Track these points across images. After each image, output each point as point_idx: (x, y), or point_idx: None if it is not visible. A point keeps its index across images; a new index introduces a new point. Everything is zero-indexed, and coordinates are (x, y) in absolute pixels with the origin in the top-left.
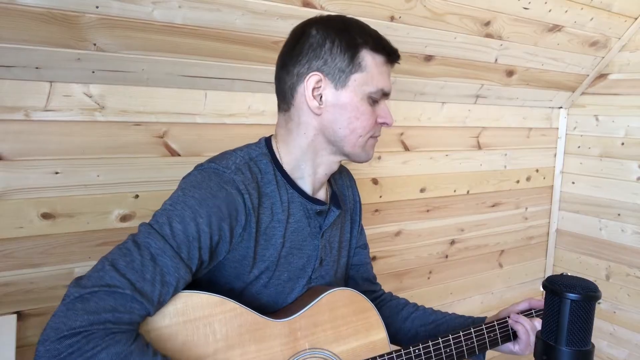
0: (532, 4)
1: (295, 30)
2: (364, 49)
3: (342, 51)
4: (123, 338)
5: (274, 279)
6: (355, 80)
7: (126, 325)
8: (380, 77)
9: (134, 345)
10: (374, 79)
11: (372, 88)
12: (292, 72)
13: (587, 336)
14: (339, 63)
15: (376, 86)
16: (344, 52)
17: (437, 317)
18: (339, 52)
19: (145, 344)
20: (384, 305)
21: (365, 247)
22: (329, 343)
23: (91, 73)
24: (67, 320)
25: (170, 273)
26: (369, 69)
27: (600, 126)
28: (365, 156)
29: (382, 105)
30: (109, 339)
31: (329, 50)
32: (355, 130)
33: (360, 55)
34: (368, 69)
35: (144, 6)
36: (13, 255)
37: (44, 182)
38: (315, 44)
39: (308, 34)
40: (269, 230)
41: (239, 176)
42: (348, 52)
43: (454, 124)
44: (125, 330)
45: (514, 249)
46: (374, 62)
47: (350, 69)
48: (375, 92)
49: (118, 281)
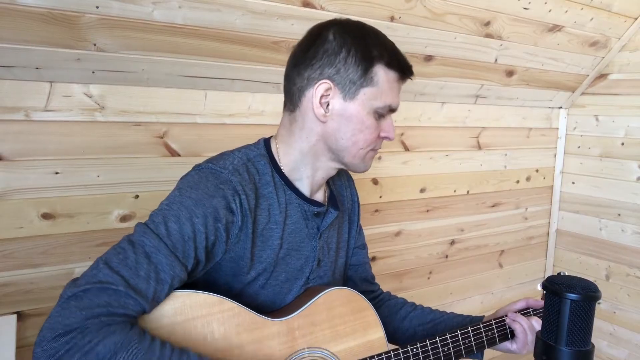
0: (532, 4)
1: (312, 32)
2: (379, 63)
3: (356, 63)
4: (118, 328)
5: (271, 280)
6: (365, 94)
7: (120, 317)
8: (390, 93)
9: (131, 332)
10: (384, 94)
11: (381, 104)
12: (303, 75)
13: (587, 336)
14: (352, 74)
15: (384, 102)
16: (358, 63)
17: (435, 316)
18: (353, 63)
19: (142, 331)
20: (382, 305)
21: (364, 247)
22: (327, 342)
23: (91, 73)
24: (61, 319)
25: (165, 270)
26: (380, 85)
27: (600, 126)
28: (363, 167)
29: (387, 120)
30: (104, 330)
31: (343, 59)
32: (357, 142)
33: (374, 69)
34: (380, 84)
35: (144, 6)
36: (13, 255)
37: (44, 182)
38: (331, 51)
39: (325, 38)
40: (266, 232)
41: (236, 177)
42: (362, 64)
43: (454, 124)
44: (119, 322)
45: (514, 249)
46: (386, 78)
47: (362, 82)
48: (382, 108)
49: (111, 277)
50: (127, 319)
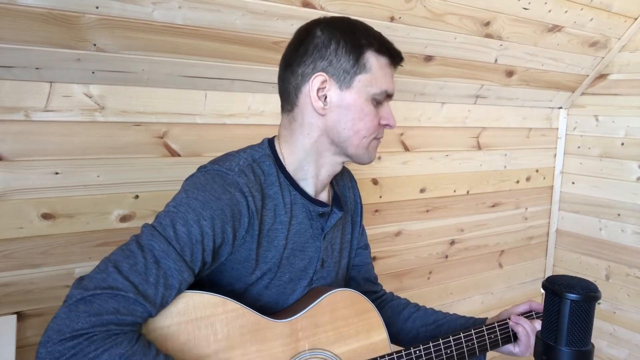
0: (531, 4)
1: (299, 31)
2: (369, 50)
3: (347, 52)
4: (125, 339)
5: (275, 280)
6: (360, 81)
7: (128, 326)
8: (384, 79)
9: (137, 345)
10: (378, 80)
11: (377, 89)
12: (297, 73)
13: (587, 336)
14: (344, 64)
15: (380, 87)
16: (349, 53)
17: (438, 318)
18: (344, 53)
19: (147, 343)
20: (385, 306)
21: (367, 248)
22: (330, 344)
23: (91, 73)
24: (69, 322)
25: (173, 276)
26: (373, 70)
27: (600, 126)
28: (368, 158)
29: (385, 107)
30: (110, 340)
31: (334, 51)
32: (359, 131)
33: (365, 56)
34: (373, 70)
35: (144, 7)
36: (13, 255)
37: (44, 183)
38: (321, 45)
39: (313, 35)
40: (271, 232)
41: (242, 178)
42: (353, 53)
43: (454, 124)
44: (127, 332)
45: (514, 249)
46: (378, 64)
47: (355, 70)
48: (379, 94)
49: (121, 284)
50: (135, 327)
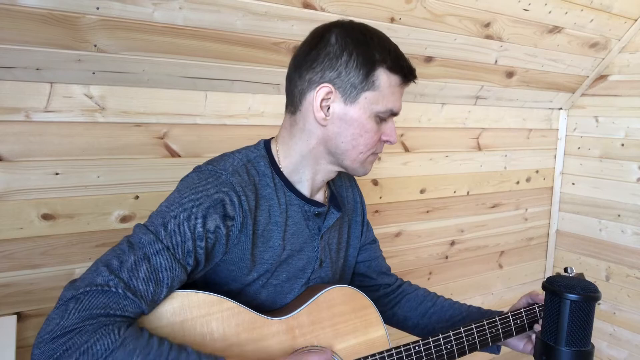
0: (532, 6)
1: (314, 34)
2: (381, 67)
3: (358, 67)
4: (116, 327)
5: (272, 280)
6: (366, 98)
7: (118, 318)
8: (391, 98)
9: (128, 331)
10: (385, 99)
11: (382, 108)
12: (304, 77)
13: (586, 337)
14: (353, 78)
15: (386, 106)
16: (359, 67)
17: (454, 314)
18: (355, 67)
19: (140, 328)
20: (401, 300)
21: (374, 242)
22: (328, 341)
23: (92, 74)
24: (60, 321)
25: (164, 272)
26: (382, 89)
27: (600, 127)
28: (362, 171)
29: (389, 123)
30: (101, 330)
31: (344, 63)
32: (358, 146)
33: (375, 73)
34: (381, 88)
35: (144, 7)
36: (13, 256)
37: (45, 183)
38: (332, 54)
39: (327, 41)
40: (266, 233)
41: (235, 178)
42: (364, 68)
43: (454, 125)
44: (117, 322)
45: (514, 249)
46: (388, 82)
47: (363, 86)
48: (384, 112)
49: (110, 280)
50: (126, 320)
